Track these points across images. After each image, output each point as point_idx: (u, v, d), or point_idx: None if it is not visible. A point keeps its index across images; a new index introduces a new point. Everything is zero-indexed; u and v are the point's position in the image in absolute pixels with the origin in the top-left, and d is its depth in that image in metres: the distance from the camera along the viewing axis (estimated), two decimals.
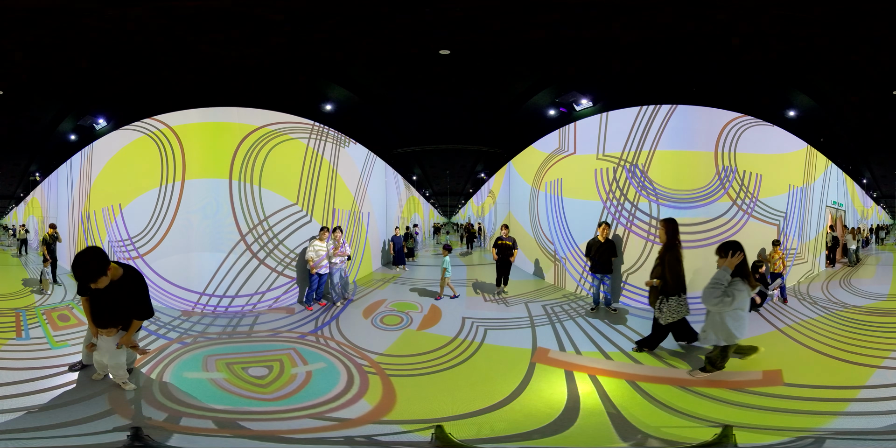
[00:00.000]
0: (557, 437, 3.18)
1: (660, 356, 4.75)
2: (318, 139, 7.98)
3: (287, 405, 3.65)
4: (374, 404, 3.68)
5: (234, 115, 6.89)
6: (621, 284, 6.97)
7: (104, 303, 3.72)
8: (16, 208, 16.74)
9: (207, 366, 4.49)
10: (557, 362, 4.61)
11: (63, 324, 5.70)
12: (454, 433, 3.07)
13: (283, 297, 7.10)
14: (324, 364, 4.57)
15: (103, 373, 3.97)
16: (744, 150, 6.89)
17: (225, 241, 6.68)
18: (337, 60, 7.83)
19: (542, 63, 8.12)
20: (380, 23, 6.24)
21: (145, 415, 3.41)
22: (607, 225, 6.65)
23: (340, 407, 3.63)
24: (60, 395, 3.68)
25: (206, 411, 3.49)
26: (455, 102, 10.09)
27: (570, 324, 5.92)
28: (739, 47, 6.99)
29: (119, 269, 3.64)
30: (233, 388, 3.95)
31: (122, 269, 3.68)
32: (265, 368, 4.41)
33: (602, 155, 7.42)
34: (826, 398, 3.67)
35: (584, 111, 8.52)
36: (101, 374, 3.98)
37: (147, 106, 7.31)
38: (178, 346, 5.02)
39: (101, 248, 3.66)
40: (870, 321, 5.97)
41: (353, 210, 9.42)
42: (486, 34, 6.65)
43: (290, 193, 7.38)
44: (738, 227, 6.83)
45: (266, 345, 5.22)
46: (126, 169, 7.46)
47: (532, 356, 4.75)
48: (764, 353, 4.51)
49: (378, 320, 6.20)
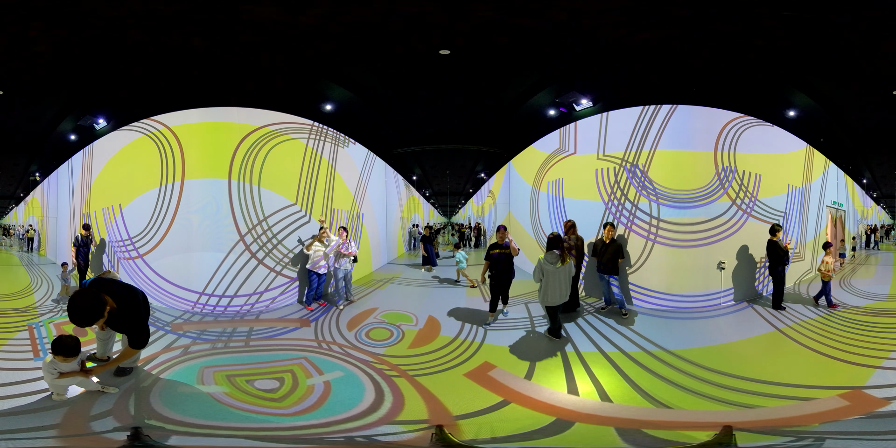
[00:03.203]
0: (557, 437, 3.18)
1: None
2: (317, 139, 7.97)
3: (313, 420, 3.38)
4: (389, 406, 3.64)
5: (234, 115, 6.89)
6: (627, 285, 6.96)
7: (108, 323, 3.77)
8: (16, 208, 16.74)
9: (211, 379, 4.42)
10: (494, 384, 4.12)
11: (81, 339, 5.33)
12: (454, 433, 3.07)
13: (280, 297, 7.09)
14: (341, 373, 4.35)
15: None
16: (743, 150, 6.90)
17: (224, 240, 6.68)
18: (337, 60, 7.83)
19: (542, 63, 8.13)
20: (380, 23, 6.24)
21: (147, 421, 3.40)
22: (612, 226, 6.59)
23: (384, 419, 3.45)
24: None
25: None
26: (455, 102, 10.08)
27: (570, 324, 5.92)
28: (739, 47, 6.99)
29: (114, 303, 3.60)
30: (238, 404, 3.66)
31: (116, 301, 3.63)
32: (275, 380, 4.12)
33: (602, 155, 7.41)
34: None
35: (585, 111, 8.52)
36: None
37: (147, 106, 7.31)
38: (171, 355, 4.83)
39: (95, 291, 3.58)
40: (870, 321, 5.96)
41: (352, 210, 9.42)
42: (486, 34, 6.65)
43: (290, 193, 7.37)
44: (738, 226, 6.84)
45: (270, 354, 4.90)
46: (126, 169, 7.46)
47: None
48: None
49: (363, 334, 5.60)
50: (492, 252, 6.13)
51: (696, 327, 5.84)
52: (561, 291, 5.18)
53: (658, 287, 6.66)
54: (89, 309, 3.39)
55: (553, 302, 5.19)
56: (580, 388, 3.98)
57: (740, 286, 6.91)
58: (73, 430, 3.17)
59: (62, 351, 3.51)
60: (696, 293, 6.63)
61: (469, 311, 6.58)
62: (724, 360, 4.60)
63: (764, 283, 7.24)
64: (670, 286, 6.62)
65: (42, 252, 12.78)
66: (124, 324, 3.77)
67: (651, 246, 6.70)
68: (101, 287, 3.71)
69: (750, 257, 7.04)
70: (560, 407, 3.62)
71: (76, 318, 3.37)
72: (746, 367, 4.36)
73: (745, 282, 6.99)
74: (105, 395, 3.68)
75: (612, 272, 6.42)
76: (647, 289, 6.73)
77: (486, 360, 4.69)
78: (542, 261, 5.23)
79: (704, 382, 4.06)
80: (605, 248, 6.48)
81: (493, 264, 6.06)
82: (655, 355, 4.77)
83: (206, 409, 3.55)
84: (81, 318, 3.38)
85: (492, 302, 6.11)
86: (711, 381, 4.09)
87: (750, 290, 7.10)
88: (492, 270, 6.09)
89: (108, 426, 3.21)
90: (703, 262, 6.65)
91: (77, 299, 3.40)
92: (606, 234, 6.53)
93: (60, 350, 3.51)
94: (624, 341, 5.22)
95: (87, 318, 3.40)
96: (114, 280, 4.24)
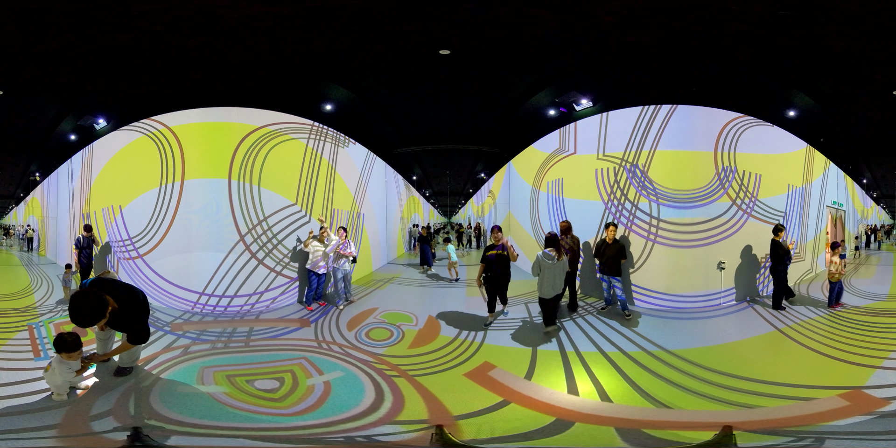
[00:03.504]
0: (557, 437, 3.18)
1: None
2: (317, 139, 7.97)
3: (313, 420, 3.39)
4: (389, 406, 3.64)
5: (234, 115, 6.89)
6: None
7: (108, 322, 3.81)
8: (16, 208, 16.75)
9: (209, 379, 4.43)
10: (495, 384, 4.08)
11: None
12: (454, 433, 3.07)
13: (280, 297, 7.09)
14: (341, 373, 4.36)
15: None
16: (743, 150, 6.90)
17: (224, 240, 6.68)
18: (337, 60, 7.82)
19: (542, 63, 8.13)
20: (380, 23, 6.24)
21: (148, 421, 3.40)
22: (614, 226, 6.54)
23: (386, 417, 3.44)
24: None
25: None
26: (455, 102, 10.08)
27: (570, 324, 5.92)
28: (739, 47, 6.99)
29: (114, 304, 3.61)
30: (238, 404, 3.65)
31: (117, 301, 3.64)
32: (275, 380, 4.12)
33: (602, 155, 7.41)
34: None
35: (585, 111, 8.52)
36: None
37: (147, 106, 7.31)
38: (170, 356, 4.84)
39: (97, 291, 3.57)
40: (870, 321, 5.96)
41: (352, 210, 9.42)
42: (487, 34, 6.65)
43: (290, 193, 7.37)
44: (738, 226, 6.84)
45: (270, 354, 4.91)
46: (126, 169, 7.46)
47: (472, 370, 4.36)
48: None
49: (363, 334, 5.62)
50: (488, 254, 5.98)
51: (697, 327, 5.84)
52: (555, 285, 5.55)
53: (658, 287, 6.66)
54: (91, 309, 3.39)
55: (548, 294, 5.53)
56: (580, 388, 3.98)
57: (741, 286, 6.92)
58: (73, 430, 3.17)
59: (66, 347, 3.52)
60: (696, 293, 6.63)
61: (469, 311, 6.58)
62: (724, 360, 4.60)
63: (765, 283, 7.25)
64: (670, 286, 6.62)
65: (42, 252, 12.79)
66: (125, 323, 3.78)
67: (651, 246, 6.70)
68: (102, 287, 3.71)
69: (751, 257, 7.05)
70: (560, 407, 3.62)
71: (78, 319, 3.36)
72: (746, 367, 4.36)
73: (746, 281, 7.00)
74: (105, 395, 3.68)
75: (614, 273, 6.37)
76: (646, 289, 6.73)
77: (486, 360, 4.69)
78: (541, 257, 5.52)
79: (704, 382, 4.06)
80: (607, 248, 6.46)
81: (490, 266, 5.93)
82: (655, 355, 4.77)
83: (206, 409, 3.54)
84: (83, 318, 3.38)
85: (489, 302, 6.05)
86: (711, 381, 4.09)
87: (751, 289, 7.10)
88: (487, 272, 5.97)
89: (108, 426, 3.21)
90: (703, 262, 6.65)
91: (79, 300, 3.40)
92: (609, 234, 6.50)
93: (64, 347, 3.52)
94: (624, 341, 5.22)
95: (88, 319, 3.40)
96: (114, 280, 4.24)
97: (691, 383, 4.05)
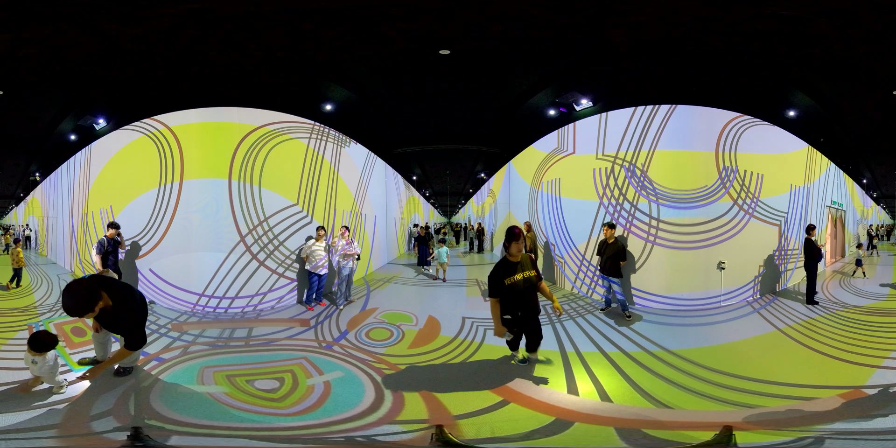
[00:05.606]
0: (557, 436, 3.17)
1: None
2: (318, 139, 7.96)
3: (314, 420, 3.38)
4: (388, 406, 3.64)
5: (234, 115, 6.88)
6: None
7: (104, 324, 3.91)
8: (16, 208, 16.75)
9: (211, 379, 4.43)
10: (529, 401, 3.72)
11: (79, 339, 5.13)
12: (454, 433, 3.06)
13: (286, 296, 7.09)
14: (341, 373, 4.34)
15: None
16: (744, 150, 6.89)
17: (224, 241, 6.67)
18: (337, 60, 7.82)
19: (542, 63, 8.13)
20: (380, 23, 6.24)
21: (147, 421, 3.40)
22: (611, 226, 6.49)
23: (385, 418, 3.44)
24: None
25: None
26: (455, 102, 10.09)
27: (570, 323, 5.92)
28: (739, 47, 6.99)
29: (109, 300, 3.55)
30: (238, 404, 3.65)
31: (113, 299, 3.59)
32: (275, 381, 4.10)
33: (601, 155, 7.41)
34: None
35: (584, 111, 8.52)
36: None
37: (146, 106, 7.31)
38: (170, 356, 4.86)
39: (91, 282, 3.54)
40: (870, 321, 5.96)
41: (353, 210, 9.42)
42: (487, 34, 6.65)
43: (291, 194, 7.36)
44: (740, 227, 6.83)
45: (270, 354, 4.92)
46: (125, 169, 7.46)
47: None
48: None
49: (364, 334, 5.58)
50: (509, 281, 3.78)
51: (697, 327, 5.84)
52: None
53: (658, 290, 6.64)
54: (82, 297, 3.33)
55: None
56: (580, 388, 3.98)
57: (766, 281, 7.25)
58: (73, 430, 3.16)
59: (34, 345, 3.58)
60: (696, 294, 6.62)
61: (469, 312, 6.58)
62: (724, 359, 4.59)
63: (769, 283, 7.35)
64: (670, 288, 6.60)
65: (42, 252, 12.79)
66: (120, 323, 3.74)
67: (651, 247, 6.69)
68: (99, 283, 3.68)
69: (753, 258, 7.07)
70: (560, 407, 3.61)
71: (67, 302, 3.31)
72: (746, 367, 4.36)
73: (746, 281, 7.00)
74: (105, 395, 3.68)
75: (613, 275, 6.35)
76: (646, 291, 6.71)
77: (486, 360, 4.68)
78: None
79: (705, 382, 4.06)
80: (607, 248, 6.45)
81: (515, 300, 3.84)
82: (656, 355, 4.76)
83: (206, 409, 3.53)
84: (72, 301, 3.31)
85: (513, 342, 4.38)
86: (712, 380, 4.09)
87: (766, 285, 7.34)
88: (515, 311, 3.88)
89: (108, 426, 3.20)
90: (704, 262, 6.64)
91: (72, 286, 3.39)
92: (607, 234, 6.49)
93: (32, 343, 3.59)
94: (624, 341, 5.22)
95: (77, 306, 3.33)
96: (112, 278, 4.23)
97: (691, 383, 4.04)
